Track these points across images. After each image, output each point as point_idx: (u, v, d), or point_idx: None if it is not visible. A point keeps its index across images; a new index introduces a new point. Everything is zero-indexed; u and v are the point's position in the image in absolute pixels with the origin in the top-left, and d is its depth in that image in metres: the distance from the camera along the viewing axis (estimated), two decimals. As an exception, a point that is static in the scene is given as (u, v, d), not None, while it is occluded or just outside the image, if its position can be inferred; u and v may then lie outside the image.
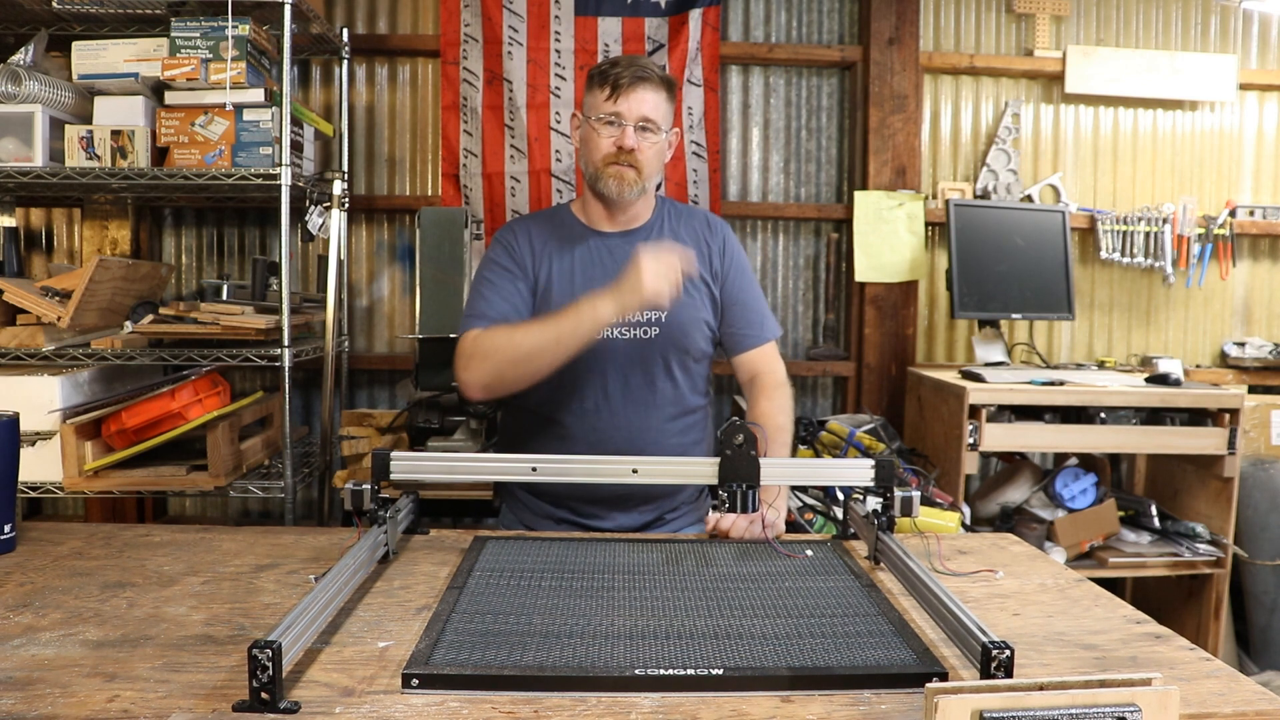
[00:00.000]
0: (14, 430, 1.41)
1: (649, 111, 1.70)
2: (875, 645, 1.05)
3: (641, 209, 1.82)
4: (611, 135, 1.70)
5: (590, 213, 1.82)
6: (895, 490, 1.40)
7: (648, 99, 1.69)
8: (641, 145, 1.70)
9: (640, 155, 1.70)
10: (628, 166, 1.70)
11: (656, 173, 1.77)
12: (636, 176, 1.71)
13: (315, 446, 2.73)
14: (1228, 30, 3.29)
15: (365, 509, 1.38)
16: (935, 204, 3.16)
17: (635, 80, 1.68)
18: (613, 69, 1.71)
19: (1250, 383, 3.21)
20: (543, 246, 1.79)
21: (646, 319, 1.73)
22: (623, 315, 1.59)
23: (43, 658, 1.00)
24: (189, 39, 2.28)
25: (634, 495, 1.77)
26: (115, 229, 2.78)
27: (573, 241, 1.79)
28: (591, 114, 1.73)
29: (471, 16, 2.96)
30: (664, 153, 1.77)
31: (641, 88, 1.69)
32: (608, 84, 1.70)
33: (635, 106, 1.68)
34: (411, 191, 3.12)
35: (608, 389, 1.73)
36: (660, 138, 1.73)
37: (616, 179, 1.71)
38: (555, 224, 1.83)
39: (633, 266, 1.52)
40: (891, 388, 3.10)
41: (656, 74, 1.72)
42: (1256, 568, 2.84)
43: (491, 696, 0.93)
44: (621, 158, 1.70)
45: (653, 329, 1.73)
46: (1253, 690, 0.99)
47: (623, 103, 1.68)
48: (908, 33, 3.08)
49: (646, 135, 1.71)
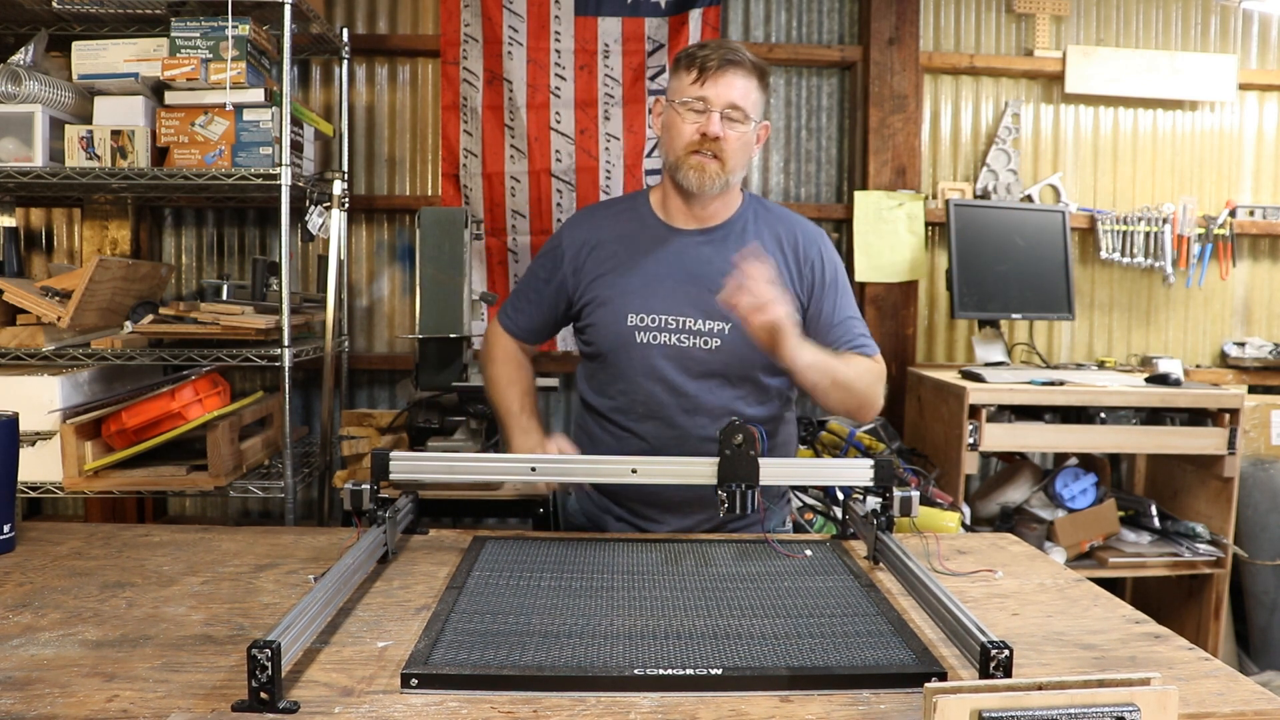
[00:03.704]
0: (14, 430, 1.41)
1: (737, 98, 1.59)
2: (874, 645, 1.05)
3: (723, 206, 1.71)
4: (696, 121, 1.60)
5: (669, 206, 1.72)
6: (895, 490, 1.39)
7: (737, 84, 1.59)
8: (727, 134, 1.59)
9: (725, 145, 1.59)
10: (710, 157, 1.60)
11: (742, 166, 1.65)
12: (720, 169, 1.61)
13: (315, 446, 2.73)
14: (1228, 30, 3.29)
15: (365, 509, 1.38)
16: (935, 204, 3.16)
17: (725, 64, 1.59)
18: (700, 51, 1.61)
19: (1250, 383, 3.21)
20: (606, 244, 1.71)
21: (709, 329, 1.64)
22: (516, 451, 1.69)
23: (42, 657, 1.00)
24: (189, 39, 2.28)
25: (690, 500, 1.67)
26: (115, 229, 2.78)
27: (643, 237, 1.70)
28: (676, 98, 1.63)
29: (471, 16, 2.96)
30: (751, 144, 1.66)
31: (731, 72, 1.59)
32: (695, 67, 1.60)
33: (723, 92, 1.58)
34: (411, 191, 3.12)
35: (661, 396, 1.65)
36: (748, 128, 1.62)
37: (697, 170, 1.61)
38: (628, 216, 1.74)
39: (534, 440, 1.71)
40: (891, 388, 3.09)
41: (749, 59, 1.62)
42: (1256, 568, 2.84)
43: (490, 696, 0.93)
44: (705, 146, 1.59)
45: (714, 340, 1.64)
46: (1251, 690, 0.99)
47: (710, 87, 1.59)
48: (908, 33, 3.08)
49: (733, 124, 1.60)
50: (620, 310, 1.66)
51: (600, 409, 1.74)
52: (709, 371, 1.65)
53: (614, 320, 1.67)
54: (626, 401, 1.69)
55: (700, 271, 1.66)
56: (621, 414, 1.70)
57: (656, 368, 1.65)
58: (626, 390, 1.68)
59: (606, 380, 1.72)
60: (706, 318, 1.64)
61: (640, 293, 1.66)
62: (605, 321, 1.68)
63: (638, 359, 1.65)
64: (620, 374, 1.68)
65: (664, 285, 1.66)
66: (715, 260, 1.65)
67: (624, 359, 1.67)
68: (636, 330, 1.65)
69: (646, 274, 1.67)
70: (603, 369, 1.72)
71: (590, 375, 1.77)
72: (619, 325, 1.66)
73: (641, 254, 1.69)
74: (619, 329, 1.66)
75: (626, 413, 1.69)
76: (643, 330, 1.65)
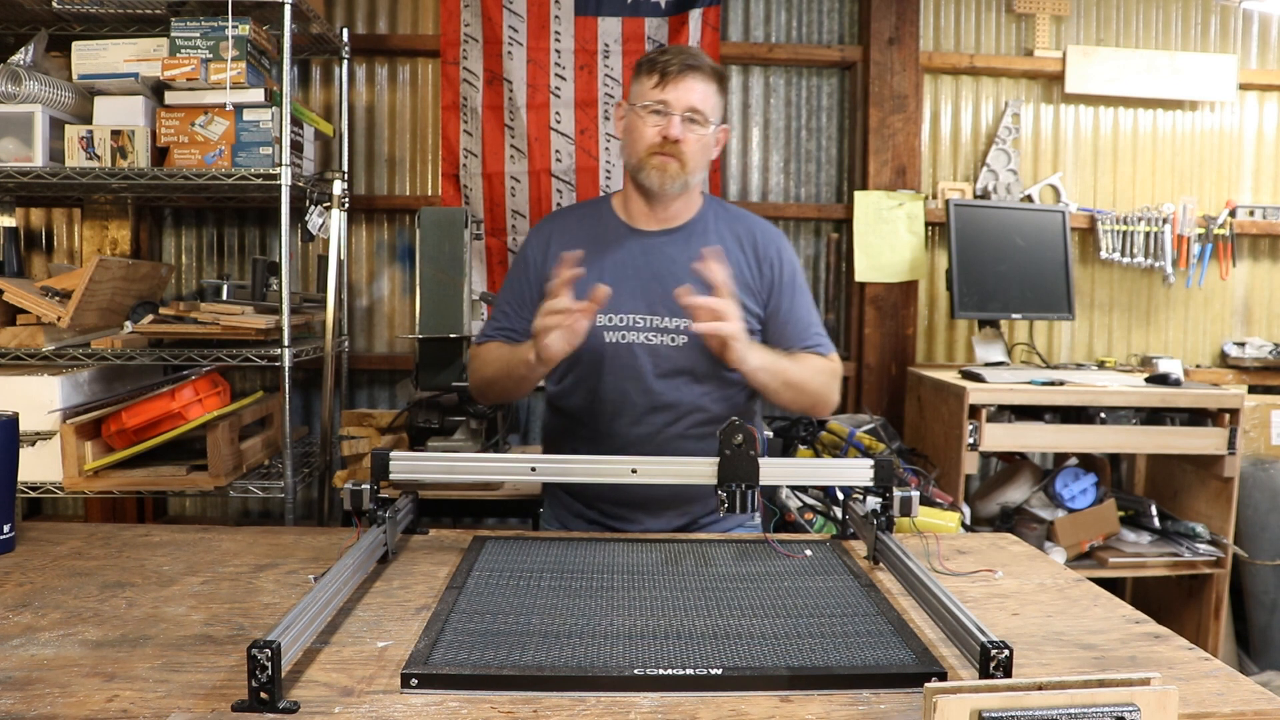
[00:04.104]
0: (14, 430, 1.41)
1: (697, 102, 1.65)
2: (874, 645, 1.05)
3: (684, 206, 1.76)
4: (657, 124, 1.66)
5: (631, 208, 1.77)
6: (895, 490, 1.39)
7: (696, 89, 1.65)
8: (687, 136, 1.65)
9: (685, 147, 1.65)
10: (671, 158, 1.65)
11: (701, 168, 1.71)
12: (680, 169, 1.66)
13: (315, 446, 2.73)
14: (1228, 30, 3.29)
15: (365, 509, 1.38)
16: (935, 204, 3.16)
17: (685, 69, 1.65)
18: (661, 56, 1.67)
19: (1250, 383, 3.21)
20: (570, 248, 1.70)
21: (675, 326, 1.68)
22: (539, 362, 1.54)
23: (42, 658, 1.00)
24: (189, 39, 2.28)
25: (664, 499, 1.72)
26: (115, 229, 2.78)
27: (607, 239, 1.75)
28: (637, 102, 1.68)
29: (471, 16, 2.96)
30: (710, 147, 1.72)
31: (691, 77, 1.65)
32: (656, 71, 1.66)
33: (683, 96, 1.64)
34: (411, 191, 3.12)
35: (630, 394, 1.69)
36: (707, 131, 1.68)
37: (659, 170, 1.66)
38: (594, 220, 1.79)
39: None
40: (891, 388, 3.10)
41: (708, 64, 1.68)
42: (1256, 568, 2.84)
43: (490, 696, 0.93)
44: (666, 148, 1.65)
45: (680, 337, 1.68)
46: (1251, 690, 0.99)
47: (670, 91, 1.64)
48: (908, 33, 3.08)
49: (693, 127, 1.66)
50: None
51: (568, 409, 1.76)
52: (677, 368, 1.69)
53: None
54: (596, 401, 1.72)
55: (665, 270, 1.70)
56: (590, 413, 1.73)
57: (627, 366, 1.69)
58: (597, 389, 1.71)
59: (575, 381, 1.74)
60: (673, 315, 1.68)
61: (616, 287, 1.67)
62: None
63: (609, 358, 1.69)
64: (590, 374, 1.71)
65: (631, 285, 1.70)
66: (679, 259, 1.70)
67: (594, 359, 1.70)
68: (606, 330, 1.69)
69: (613, 275, 1.70)
70: (571, 370, 1.74)
71: (558, 378, 1.79)
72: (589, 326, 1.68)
73: (607, 256, 1.73)
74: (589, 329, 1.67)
75: (596, 412, 1.72)
76: (612, 330, 1.69)
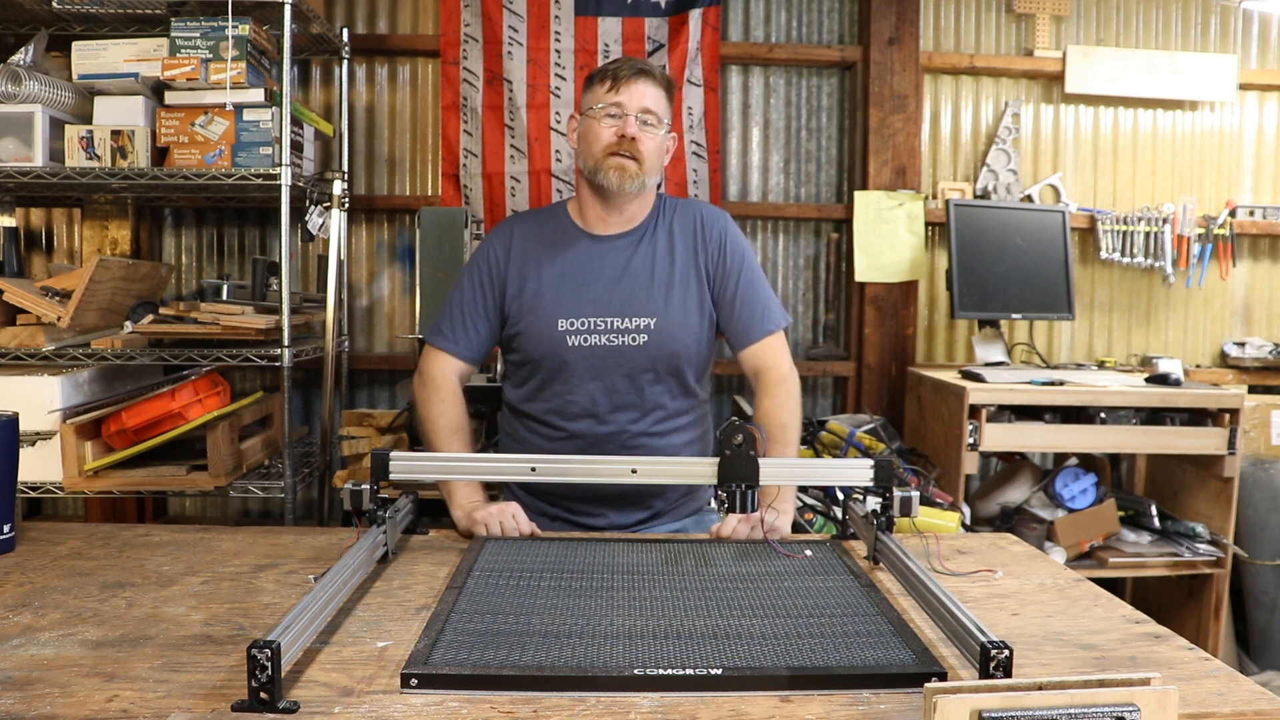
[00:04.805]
0: (14, 430, 1.41)
1: (650, 103, 1.70)
2: (874, 645, 1.05)
3: (639, 209, 1.79)
4: (613, 125, 1.70)
5: (586, 214, 1.79)
6: (894, 490, 1.39)
7: (649, 92, 1.71)
8: (643, 135, 1.69)
9: (642, 145, 1.69)
10: (629, 158, 1.69)
11: (657, 169, 1.75)
12: (638, 169, 1.70)
13: (315, 446, 2.73)
14: (1228, 30, 3.29)
15: (364, 509, 1.38)
16: (935, 204, 3.16)
17: (636, 73, 1.70)
18: (612, 65, 1.73)
19: (1250, 383, 3.21)
20: (531, 252, 1.78)
21: (635, 326, 1.72)
22: (459, 514, 1.61)
23: (42, 658, 1.00)
24: (189, 39, 2.28)
25: (627, 494, 1.76)
26: (115, 229, 2.78)
27: (564, 245, 1.78)
28: (592, 105, 1.73)
29: (471, 16, 2.96)
30: (664, 148, 1.77)
31: (642, 80, 1.70)
32: (608, 78, 1.71)
33: (636, 98, 1.69)
34: (411, 191, 3.12)
35: (595, 395, 1.72)
36: (661, 131, 1.73)
37: (618, 170, 1.69)
38: (550, 226, 1.81)
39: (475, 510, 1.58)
40: (891, 388, 3.10)
41: (656, 71, 1.74)
42: (1256, 568, 2.84)
43: (490, 696, 0.93)
44: (623, 147, 1.69)
45: (640, 336, 1.71)
46: (1251, 690, 0.99)
47: (624, 93, 1.69)
48: (908, 33, 3.08)
49: (647, 127, 1.71)
50: (550, 316, 1.72)
51: (532, 413, 1.78)
52: (639, 367, 1.73)
53: (545, 326, 1.72)
54: (560, 404, 1.74)
55: (622, 272, 1.74)
56: (555, 415, 1.75)
57: (591, 368, 1.72)
58: (561, 392, 1.74)
59: (538, 385, 1.76)
60: (633, 315, 1.71)
61: (568, 298, 1.72)
62: (535, 329, 1.73)
63: (572, 361, 1.71)
64: (554, 378, 1.74)
65: (589, 289, 1.73)
66: (635, 261, 1.75)
67: (557, 363, 1.72)
68: (568, 334, 1.71)
69: (571, 279, 1.74)
70: (534, 375, 1.76)
71: (520, 383, 1.81)
72: (550, 331, 1.72)
73: (564, 261, 1.76)
74: (550, 334, 1.72)
75: (560, 413, 1.75)
76: (574, 334, 1.71)
